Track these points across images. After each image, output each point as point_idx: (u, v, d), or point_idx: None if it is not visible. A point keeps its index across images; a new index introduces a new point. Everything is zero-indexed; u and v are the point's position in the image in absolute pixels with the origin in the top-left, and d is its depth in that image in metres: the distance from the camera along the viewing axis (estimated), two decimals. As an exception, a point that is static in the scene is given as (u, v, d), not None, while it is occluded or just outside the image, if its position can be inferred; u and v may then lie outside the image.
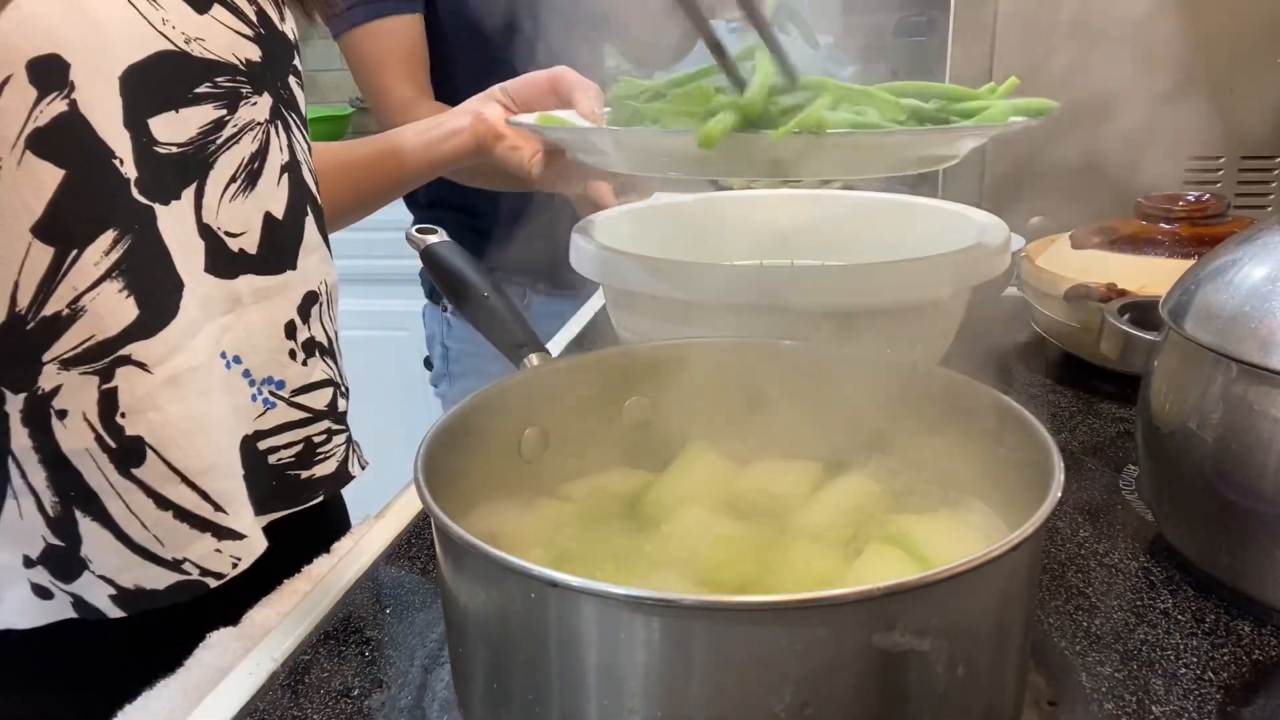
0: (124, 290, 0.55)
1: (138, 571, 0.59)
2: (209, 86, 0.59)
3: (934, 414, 0.54)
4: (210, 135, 0.60)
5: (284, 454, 0.66)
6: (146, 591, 0.59)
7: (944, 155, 0.63)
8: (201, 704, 0.52)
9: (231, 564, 0.62)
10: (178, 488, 0.59)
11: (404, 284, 2.11)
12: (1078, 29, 1.10)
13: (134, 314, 0.56)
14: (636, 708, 0.38)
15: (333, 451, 0.71)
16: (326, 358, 0.70)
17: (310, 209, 0.68)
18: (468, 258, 0.67)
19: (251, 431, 0.64)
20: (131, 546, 0.58)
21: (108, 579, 0.58)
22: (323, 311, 0.69)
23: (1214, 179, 1.17)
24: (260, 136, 0.63)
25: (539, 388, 0.58)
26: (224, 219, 0.61)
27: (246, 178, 0.62)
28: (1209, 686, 0.50)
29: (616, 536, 0.53)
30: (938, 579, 0.36)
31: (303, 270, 0.67)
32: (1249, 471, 0.54)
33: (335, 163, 0.82)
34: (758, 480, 0.58)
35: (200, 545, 0.60)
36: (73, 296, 0.54)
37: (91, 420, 0.55)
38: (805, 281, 0.69)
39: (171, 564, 0.59)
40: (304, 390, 0.67)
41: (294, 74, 0.67)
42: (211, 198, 0.60)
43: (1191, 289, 0.59)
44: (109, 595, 0.58)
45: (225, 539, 0.61)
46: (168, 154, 0.58)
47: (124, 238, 0.55)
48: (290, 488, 0.67)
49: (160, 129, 0.57)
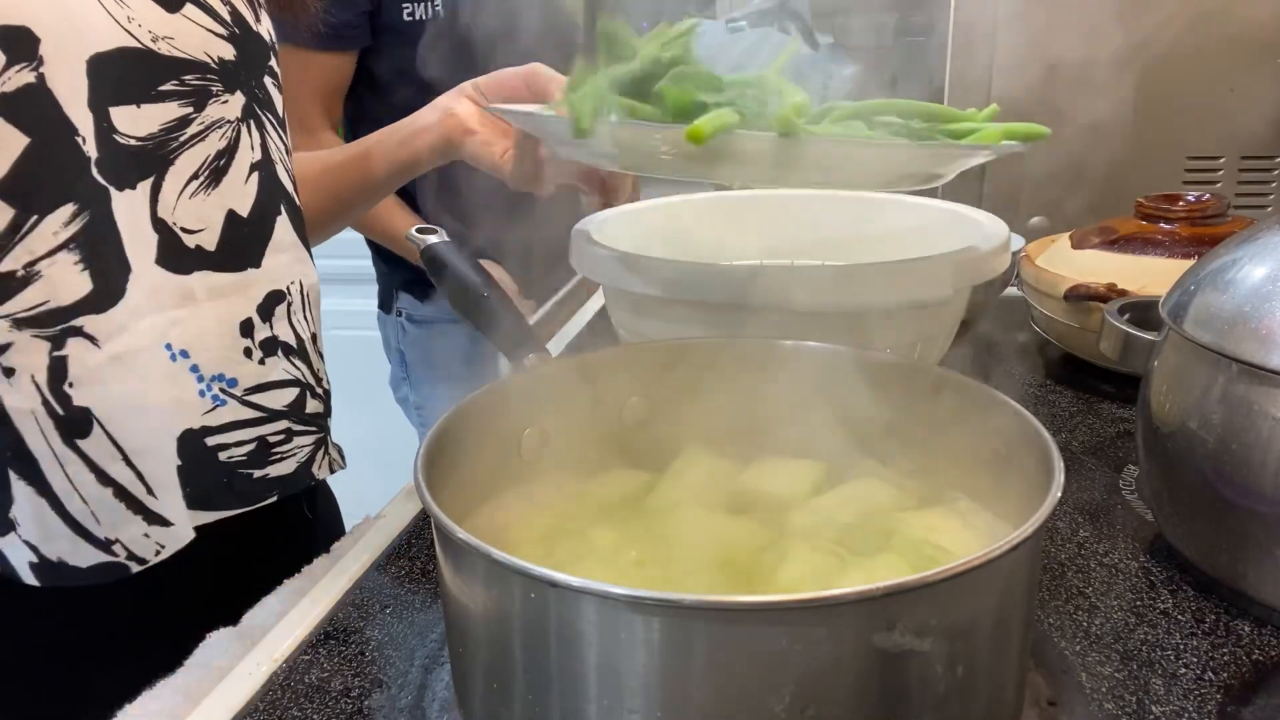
0: (80, 264, 0.56)
1: (64, 545, 0.59)
2: (175, 84, 0.60)
3: (934, 414, 0.54)
4: (173, 132, 0.60)
5: (235, 452, 0.66)
6: (69, 567, 0.60)
7: (933, 173, 0.63)
8: (201, 704, 0.52)
9: (155, 550, 0.62)
10: (118, 465, 0.59)
11: (403, 284, 2.12)
12: (1078, 28, 1.11)
13: (88, 288, 0.57)
14: (636, 708, 0.38)
15: (292, 452, 0.70)
16: (293, 358, 0.69)
17: (285, 208, 0.68)
18: (467, 258, 0.67)
19: (198, 427, 0.63)
20: (66, 520, 0.59)
21: (32, 545, 0.59)
22: (292, 312, 0.69)
23: (1214, 179, 1.17)
24: (229, 134, 0.63)
25: (539, 388, 0.58)
26: (181, 215, 0.61)
27: (210, 175, 0.62)
28: (1209, 686, 0.50)
29: (616, 536, 0.53)
30: (938, 579, 0.36)
31: (268, 269, 0.66)
32: (1249, 471, 0.54)
33: (316, 170, 0.82)
34: (758, 480, 0.58)
35: (132, 528, 0.61)
36: (30, 260, 0.55)
37: (40, 383, 0.56)
38: (805, 281, 0.69)
39: (102, 543, 0.60)
40: (258, 389, 0.67)
41: (270, 74, 0.67)
42: (169, 193, 0.61)
43: (1191, 289, 0.59)
44: (29, 562, 0.59)
45: (154, 524, 0.61)
46: (126, 145, 0.58)
47: (83, 213, 0.56)
48: (242, 485, 0.67)
49: (121, 120, 0.58)
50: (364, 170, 0.83)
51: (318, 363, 0.72)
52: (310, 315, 0.71)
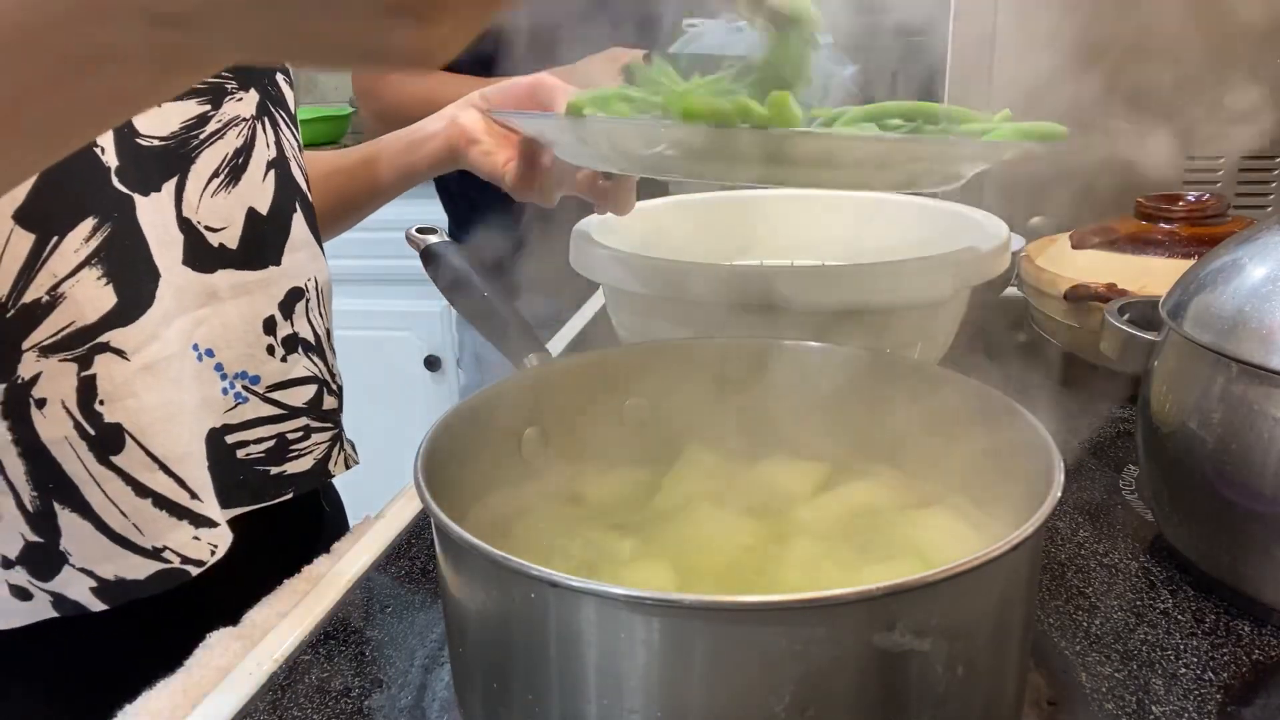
0: (103, 278, 0.56)
1: (118, 562, 0.59)
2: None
3: (934, 414, 0.54)
4: (193, 130, 0.60)
5: (254, 449, 0.66)
6: (128, 582, 0.59)
7: (949, 172, 0.62)
8: (201, 704, 0.52)
9: (210, 551, 0.62)
10: (156, 475, 0.59)
11: (404, 284, 2.11)
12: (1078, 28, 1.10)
13: (113, 301, 0.56)
14: (636, 708, 0.38)
15: (310, 449, 0.70)
16: (312, 354, 0.70)
17: (300, 205, 0.68)
18: (467, 258, 0.67)
19: (220, 425, 0.64)
20: (111, 536, 0.58)
21: (88, 571, 0.58)
22: (309, 308, 0.69)
23: (1214, 179, 1.17)
24: (246, 132, 0.64)
25: (539, 388, 0.58)
26: (204, 213, 0.61)
27: (230, 173, 0.63)
28: (1209, 686, 0.50)
29: (617, 536, 0.53)
30: (938, 579, 0.36)
31: (287, 266, 0.67)
32: (1249, 471, 0.54)
33: (324, 171, 0.82)
34: (758, 480, 0.58)
35: (179, 533, 0.60)
36: (52, 283, 0.54)
37: (70, 408, 0.56)
38: (805, 281, 0.69)
39: (151, 553, 0.59)
40: (280, 386, 0.67)
41: (282, 71, 0.68)
42: (192, 192, 0.61)
43: (1191, 289, 0.59)
44: (90, 588, 0.58)
45: (202, 526, 0.61)
46: (149, 146, 0.58)
47: (104, 225, 0.56)
48: (259, 482, 0.67)
49: (142, 121, 0.58)
50: (370, 174, 0.83)
51: (332, 359, 0.73)
52: (324, 311, 0.72)
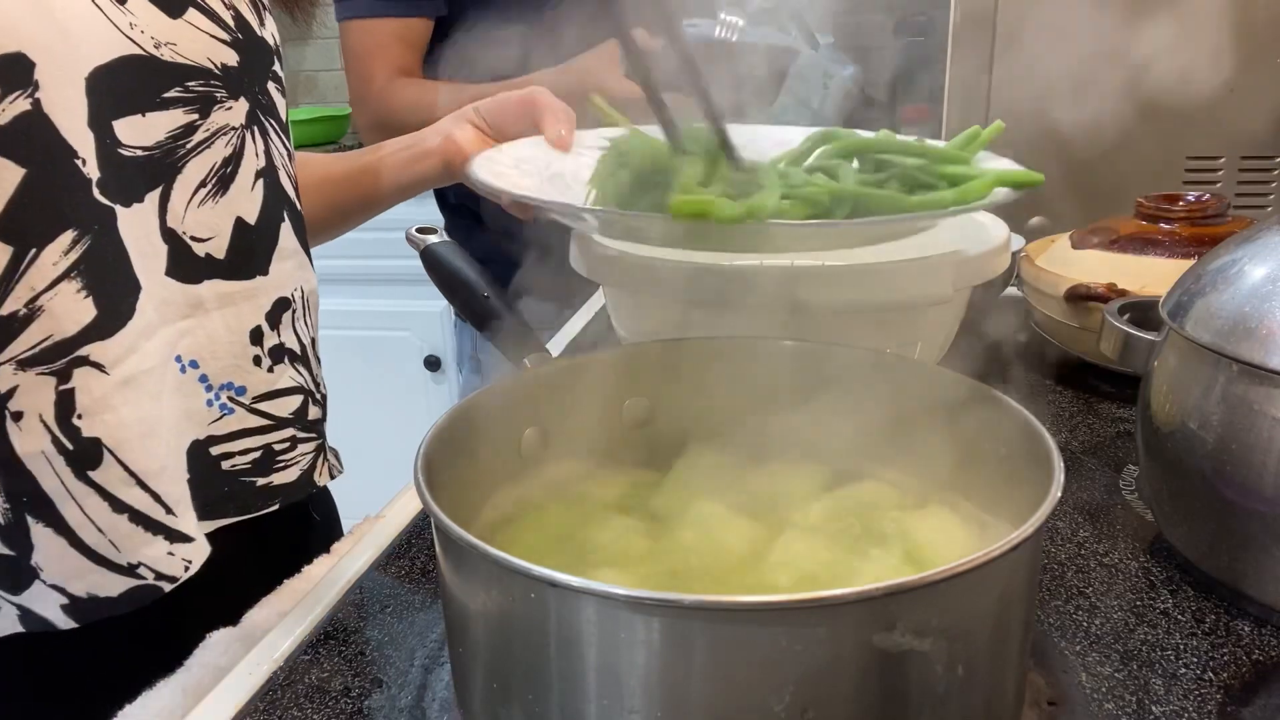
0: (82, 290, 0.55)
1: (91, 578, 0.58)
2: (179, 91, 0.59)
3: (934, 414, 0.54)
4: (180, 140, 0.59)
5: (239, 460, 0.65)
6: (100, 599, 0.58)
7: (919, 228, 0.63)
8: (201, 704, 0.52)
9: (183, 567, 0.61)
10: (132, 490, 0.58)
11: (404, 284, 2.11)
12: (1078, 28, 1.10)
13: (92, 314, 0.55)
14: (636, 708, 0.38)
15: (296, 460, 0.69)
16: (297, 364, 0.69)
17: (288, 215, 0.67)
18: (467, 258, 0.67)
19: (204, 437, 0.63)
20: (85, 552, 0.57)
21: (59, 588, 0.57)
22: (296, 318, 0.69)
23: (1214, 179, 1.17)
24: (234, 141, 0.63)
25: (539, 388, 0.58)
26: (190, 223, 0.60)
27: (218, 182, 0.62)
28: (1209, 686, 0.50)
29: (616, 536, 0.53)
30: (938, 579, 0.36)
31: (275, 276, 0.66)
32: (1249, 471, 0.54)
33: (315, 177, 0.81)
34: (759, 480, 0.58)
35: (153, 549, 0.59)
36: (30, 296, 0.53)
37: (48, 422, 0.55)
38: (805, 281, 0.69)
39: (126, 569, 0.58)
40: (267, 397, 0.66)
41: (273, 80, 0.66)
42: (178, 202, 0.60)
43: (1191, 289, 0.59)
44: (60, 605, 0.57)
45: (176, 541, 0.60)
46: (133, 157, 0.57)
47: (83, 238, 0.55)
48: (245, 494, 0.66)
49: (125, 132, 0.57)
50: (366, 187, 0.82)
51: (316, 368, 0.72)
52: (310, 321, 0.71)
